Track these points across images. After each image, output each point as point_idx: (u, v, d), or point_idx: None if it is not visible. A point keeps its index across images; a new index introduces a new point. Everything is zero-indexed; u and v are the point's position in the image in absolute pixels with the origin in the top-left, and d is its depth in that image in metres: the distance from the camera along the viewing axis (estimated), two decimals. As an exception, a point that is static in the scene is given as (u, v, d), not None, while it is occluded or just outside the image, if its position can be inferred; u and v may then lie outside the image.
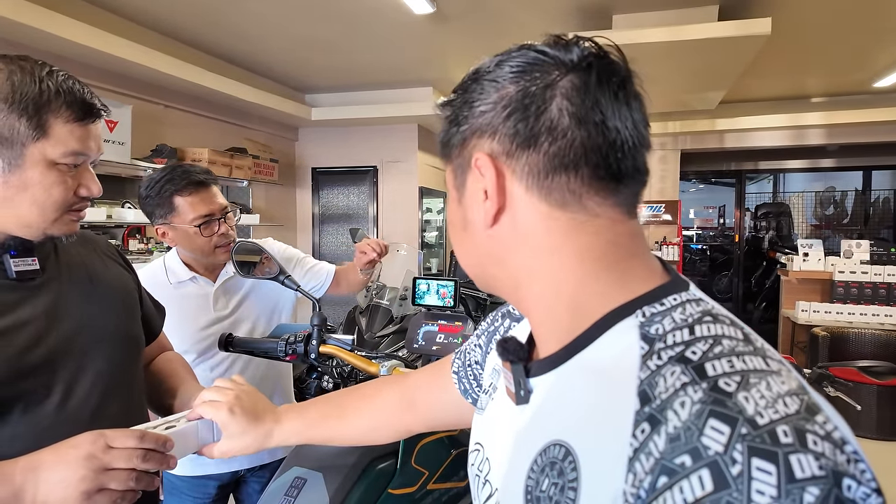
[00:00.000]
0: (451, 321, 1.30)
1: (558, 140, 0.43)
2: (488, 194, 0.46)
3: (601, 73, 0.44)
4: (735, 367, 0.37)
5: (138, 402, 0.94)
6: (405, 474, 0.92)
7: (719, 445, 0.33)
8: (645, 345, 0.41)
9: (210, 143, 3.83)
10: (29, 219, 0.76)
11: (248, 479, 1.54)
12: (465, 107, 0.48)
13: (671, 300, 0.43)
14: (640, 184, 0.46)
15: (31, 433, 0.75)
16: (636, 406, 0.38)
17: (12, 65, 0.73)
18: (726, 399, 0.34)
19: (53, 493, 0.65)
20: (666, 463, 0.34)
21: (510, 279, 0.49)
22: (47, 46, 2.69)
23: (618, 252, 0.45)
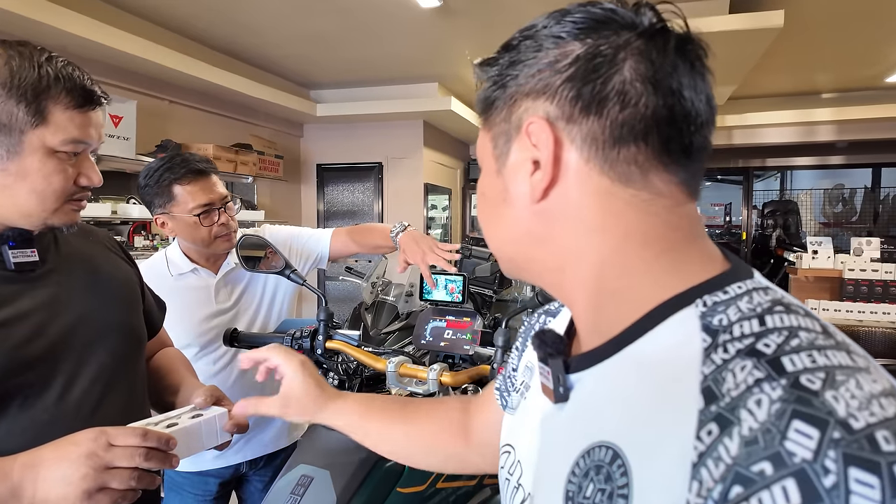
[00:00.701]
0: (459, 317, 1.28)
1: (629, 106, 0.38)
2: (541, 164, 0.41)
3: (681, 39, 0.40)
4: (817, 362, 0.32)
5: (140, 396, 0.92)
6: (414, 472, 0.90)
7: (807, 452, 0.28)
8: (707, 337, 0.36)
9: (215, 139, 3.82)
10: (28, 208, 0.74)
11: (250, 477, 1.53)
12: (514, 66, 0.42)
13: (735, 288, 0.38)
14: (703, 162, 0.42)
15: (30, 427, 0.73)
16: (700, 404, 0.34)
17: (11, 50, 0.71)
18: (812, 398, 0.30)
19: (54, 490, 0.63)
20: (741, 470, 0.30)
21: (552, 262, 0.43)
22: (52, 41, 2.68)
23: (676, 235, 0.40)
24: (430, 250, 1.35)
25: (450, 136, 5.65)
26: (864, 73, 4.44)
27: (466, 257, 3.18)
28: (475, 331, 1.21)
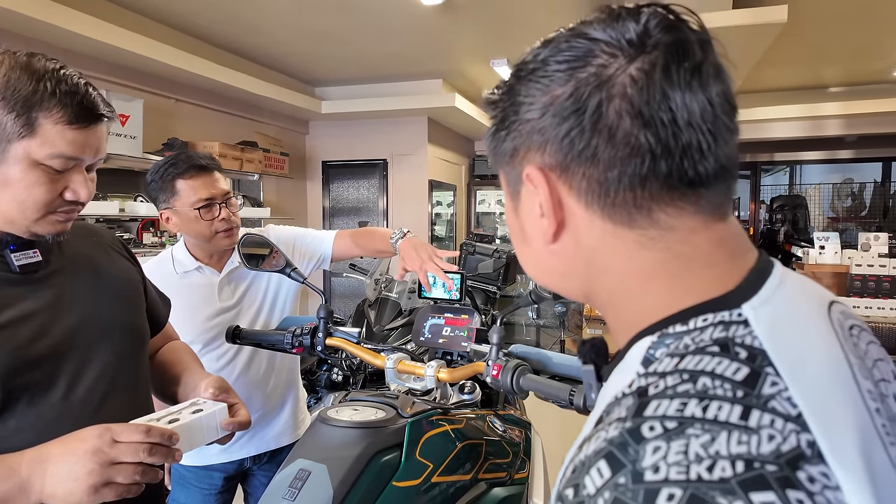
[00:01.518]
0: (457, 314, 1.29)
1: (619, 148, 0.37)
2: (544, 211, 0.41)
3: (670, 57, 0.36)
4: (684, 412, 0.31)
5: (144, 394, 0.95)
6: (410, 467, 0.92)
7: (593, 488, 0.31)
8: (641, 369, 0.37)
9: (221, 137, 3.85)
10: (10, 215, 0.75)
11: (255, 471, 1.56)
12: (511, 110, 0.42)
13: (699, 320, 0.37)
14: (729, 180, 0.39)
15: (36, 424, 0.75)
16: (588, 431, 0.36)
17: (19, 58, 0.72)
18: (632, 444, 0.31)
19: (61, 486, 0.66)
20: (560, 489, 0.33)
21: (579, 291, 0.45)
22: (59, 41, 2.71)
23: (689, 265, 0.39)
24: (428, 259, 1.36)
25: (454, 133, 5.66)
26: (872, 66, 4.39)
27: (470, 254, 3.19)
28: (472, 328, 1.23)
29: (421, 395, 1.15)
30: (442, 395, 1.17)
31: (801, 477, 0.28)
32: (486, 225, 6.22)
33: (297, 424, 1.60)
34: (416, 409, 0.99)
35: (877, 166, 7.19)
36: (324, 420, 0.94)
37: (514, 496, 1.08)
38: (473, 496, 1.00)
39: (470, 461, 1.02)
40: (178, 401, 0.95)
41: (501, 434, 1.17)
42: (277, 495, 0.85)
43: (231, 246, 1.45)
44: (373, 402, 1.01)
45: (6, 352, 0.73)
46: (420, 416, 0.98)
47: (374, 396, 1.04)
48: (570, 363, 1.02)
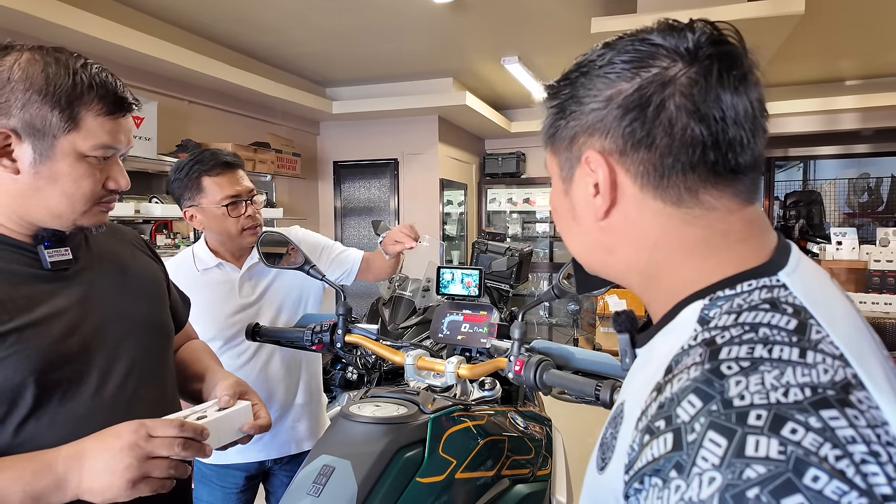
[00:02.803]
0: (476, 310, 1.29)
1: (676, 139, 0.43)
2: (600, 191, 0.47)
3: (721, 65, 0.43)
4: (753, 353, 0.38)
5: (171, 390, 0.96)
6: (433, 463, 0.91)
7: (687, 416, 0.36)
8: (699, 327, 0.43)
9: (234, 138, 3.87)
10: (59, 210, 0.77)
11: (276, 470, 1.56)
12: (572, 101, 0.48)
13: (745, 285, 0.43)
14: (759, 171, 0.46)
15: (69, 420, 0.76)
16: (660, 376, 0.42)
17: (48, 56, 0.74)
18: (716, 380, 0.37)
19: (99, 481, 0.66)
20: (650, 424, 0.39)
21: (620, 266, 0.50)
22: (73, 44, 2.74)
23: (726, 240, 0.45)
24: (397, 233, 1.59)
25: (465, 131, 5.65)
26: (889, 59, 4.32)
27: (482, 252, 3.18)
28: (492, 324, 1.22)
29: (441, 392, 1.15)
30: (462, 391, 1.16)
31: (852, 399, 0.35)
32: (498, 223, 6.20)
33: (319, 430, 1.60)
34: (437, 406, 0.98)
35: (894, 160, 7.08)
36: (346, 416, 0.94)
37: (537, 493, 1.07)
38: (496, 493, 1.00)
39: (492, 458, 1.01)
40: (200, 399, 0.96)
41: (523, 430, 1.16)
42: (302, 491, 0.85)
43: (254, 243, 1.45)
44: (394, 398, 1.01)
45: (40, 347, 0.74)
46: (442, 412, 0.97)
47: (395, 393, 1.03)
48: (593, 358, 1.01)
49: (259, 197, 1.48)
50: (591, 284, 0.87)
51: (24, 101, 0.71)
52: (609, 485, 0.44)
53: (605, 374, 0.97)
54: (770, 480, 0.32)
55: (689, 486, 0.34)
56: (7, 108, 0.71)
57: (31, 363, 0.73)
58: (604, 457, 0.47)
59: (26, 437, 0.73)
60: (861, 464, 0.32)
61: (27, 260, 0.78)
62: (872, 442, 0.33)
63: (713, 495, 0.32)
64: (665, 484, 0.35)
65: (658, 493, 0.36)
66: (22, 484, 0.65)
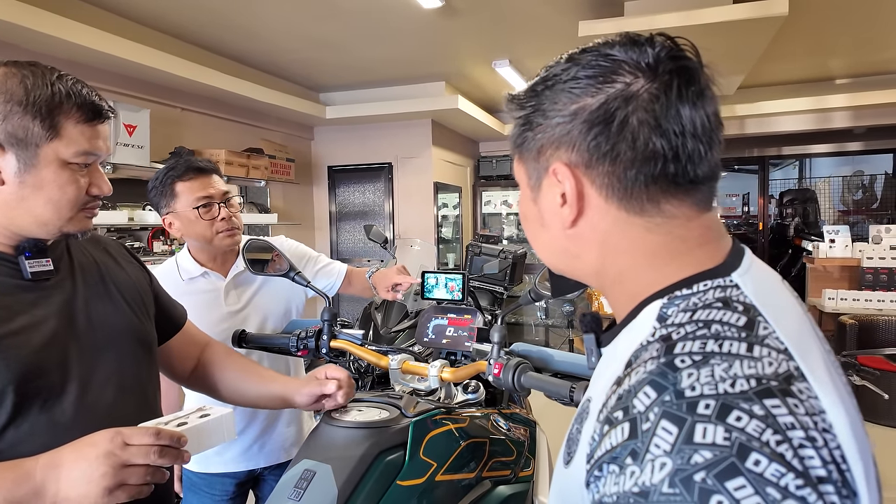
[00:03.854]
0: (460, 314, 1.30)
1: (639, 152, 0.45)
2: (567, 201, 0.49)
3: (680, 80, 0.45)
4: (705, 348, 0.40)
5: (153, 399, 0.97)
6: (414, 466, 0.93)
7: (642, 406, 0.39)
8: (657, 324, 0.45)
9: (227, 145, 3.89)
10: (45, 217, 0.78)
11: (267, 476, 1.57)
12: (538, 114, 0.49)
13: (701, 285, 0.46)
14: (715, 180, 0.48)
15: (49, 428, 0.77)
16: (620, 371, 0.44)
17: (24, 70, 0.76)
18: (670, 373, 0.39)
19: (75, 489, 0.67)
20: (609, 415, 0.41)
21: (587, 269, 0.53)
22: (65, 54, 2.76)
23: (686, 245, 0.48)
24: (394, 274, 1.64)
25: (458, 134, 5.67)
26: (878, 57, 4.35)
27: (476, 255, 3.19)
28: (474, 328, 1.24)
29: (425, 395, 1.16)
30: (446, 394, 1.17)
31: (793, 389, 0.38)
32: (493, 226, 6.22)
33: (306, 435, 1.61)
34: (419, 409, 1.00)
35: (887, 157, 7.10)
36: (328, 420, 0.96)
37: (518, 494, 1.09)
38: (478, 494, 1.01)
39: (474, 460, 1.03)
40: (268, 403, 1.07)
41: (506, 432, 1.17)
42: (283, 496, 0.86)
43: (233, 246, 1.47)
44: (377, 402, 1.02)
45: (19, 357, 0.75)
46: (424, 415, 0.99)
47: (377, 397, 1.04)
48: (571, 360, 1.03)
49: (236, 199, 1.48)
50: (565, 288, 0.89)
51: (4, 113, 0.73)
52: (574, 476, 0.45)
53: (581, 376, 0.98)
54: (715, 465, 0.34)
55: (643, 471, 0.36)
56: None
57: (10, 372, 0.74)
58: (569, 451, 0.49)
59: (6, 445, 0.74)
60: (799, 448, 0.35)
61: (8, 271, 0.80)
62: (810, 428, 0.36)
63: (664, 479, 0.35)
64: (621, 470, 0.37)
65: (615, 479, 0.38)
66: (2, 492, 0.66)
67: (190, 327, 1.14)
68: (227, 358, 1.12)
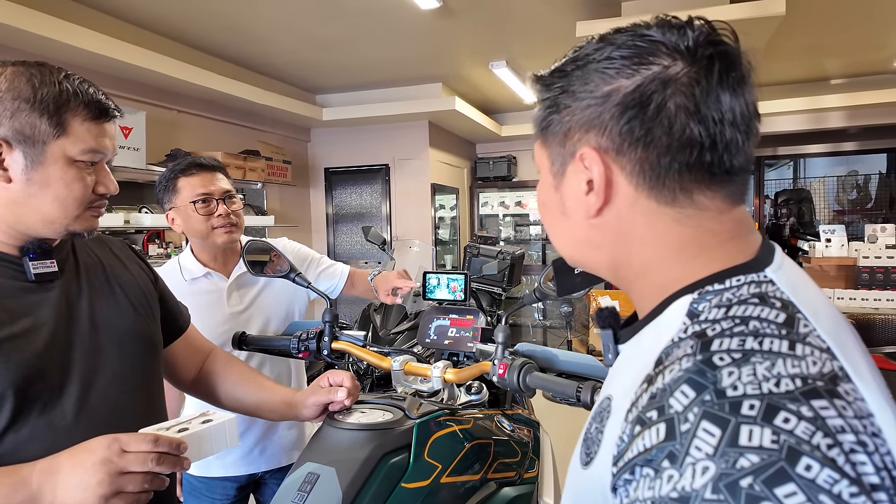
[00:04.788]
0: (462, 315, 1.29)
1: (675, 139, 0.43)
2: (594, 188, 0.46)
3: (721, 65, 0.43)
4: (745, 345, 0.38)
5: (158, 401, 0.96)
6: (418, 468, 0.92)
7: (680, 406, 0.36)
8: (688, 320, 0.43)
9: (223, 147, 3.87)
10: (52, 215, 0.78)
11: (268, 480, 1.56)
12: (567, 95, 0.47)
13: (734, 280, 0.44)
14: (749, 172, 0.46)
15: (50, 432, 0.76)
16: (650, 369, 0.42)
17: (32, 69, 0.77)
18: (708, 370, 0.37)
19: (72, 496, 0.66)
20: (641, 414, 0.39)
21: (607, 262, 0.50)
22: (62, 56, 2.74)
23: (715, 239, 0.45)
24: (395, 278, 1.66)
25: (455, 136, 5.67)
26: (873, 57, 4.37)
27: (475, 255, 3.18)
28: (477, 328, 1.23)
29: (428, 397, 1.15)
30: (449, 395, 1.17)
31: (840, 391, 0.36)
32: (490, 227, 6.22)
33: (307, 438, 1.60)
34: (423, 410, 0.99)
35: (881, 157, 7.15)
36: (332, 423, 0.95)
37: (523, 496, 1.08)
38: (483, 496, 1.00)
39: (479, 461, 1.02)
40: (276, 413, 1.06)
41: (510, 434, 1.16)
42: (287, 499, 0.85)
43: (230, 243, 1.47)
44: (380, 404, 1.01)
45: (21, 360, 0.74)
46: (427, 416, 0.98)
47: (381, 399, 1.03)
48: (576, 360, 1.02)
49: (238, 198, 1.49)
50: (571, 287, 0.88)
51: (12, 111, 0.74)
52: (595, 478, 0.44)
53: (587, 376, 0.98)
54: (763, 469, 0.32)
55: (682, 475, 0.34)
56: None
57: (11, 375, 0.73)
58: (588, 451, 0.47)
59: (6, 449, 0.73)
60: (850, 453, 0.33)
61: (12, 272, 0.79)
62: (860, 432, 0.34)
63: (706, 484, 0.33)
64: (657, 474, 0.35)
65: (650, 482, 0.35)
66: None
67: (194, 333, 1.13)
68: (227, 366, 1.11)
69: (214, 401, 1.09)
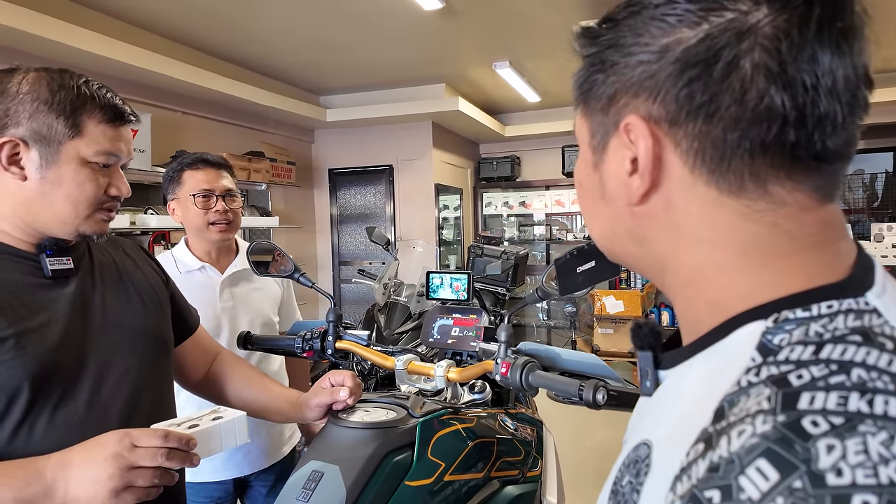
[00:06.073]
0: (465, 314, 1.30)
1: (748, 109, 0.33)
2: (638, 168, 0.37)
3: (823, 12, 0.32)
4: (848, 406, 0.27)
5: (167, 398, 0.98)
6: (422, 466, 0.92)
7: (756, 492, 0.26)
8: (758, 357, 0.33)
9: (228, 148, 3.89)
10: (63, 215, 0.81)
11: (253, 482, 1.59)
12: (615, 50, 0.37)
13: (823, 306, 0.33)
14: (847, 160, 0.35)
15: (63, 426, 0.78)
16: (706, 423, 0.32)
17: (53, 74, 0.80)
18: (797, 441, 0.26)
19: (83, 490, 0.68)
20: (696, 492, 0.28)
21: (653, 261, 0.41)
22: (67, 58, 2.76)
23: (792, 244, 0.35)
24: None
25: (459, 136, 5.67)
26: (878, 55, 4.36)
27: (478, 256, 3.19)
28: (480, 328, 1.23)
29: (431, 396, 1.15)
30: (453, 394, 1.17)
31: None
32: (494, 227, 6.22)
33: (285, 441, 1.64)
34: (426, 409, 0.99)
35: (888, 156, 7.10)
36: (335, 421, 0.95)
37: (527, 494, 1.08)
38: (486, 494, 1.00)
39: (482, 460, 1.02)
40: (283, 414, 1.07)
41: (513, 432, 1.17)
42: (291, 497, 0.86)
43: (224, 240, 1.51)
44: (384, 402, 1.01)
45: (36, 354, 0.76)
46: (431, 415, 0.98)
47: (384, 397, 1.04)
48: (579, 359, 1.02)
49: (238, 197, 1.54)
50: (573, 286, 0.88)
51: (31, 111, 0.77)
52: None
53: (590, 375, 0.98)
54: None
55: None
56: (16, 118, 0.77)
57: (27, 368, 0.75)
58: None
59: (20, 442, 0.75)
60: None
61: (29, 269, 0.81)
62: None
63: None
64: None
65: None
66: (14, 491, 0.67)
67: (203, 334, 1.15)
68: (235, 367, 1.14)
69: (223, 402, 1.11)
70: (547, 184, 5.87)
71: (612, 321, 4.63)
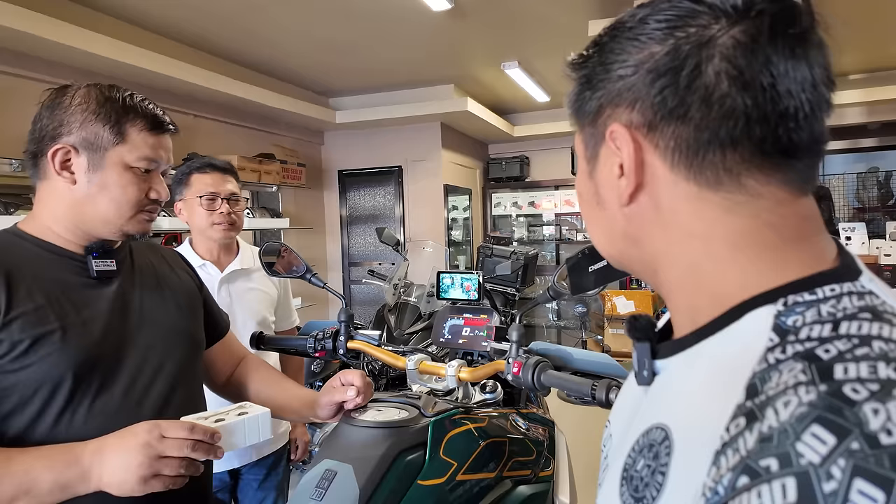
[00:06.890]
0: (476, 314, 1.30)
1: (714, 110, 0.37)
2: (624, 171, 0.41)
3: (775, 22, 0.36)
4: (878, 374, 0.29)
5: (198, 394, 1.04)
6: (434, 465, 0.92)
7: (816, 456, 0.27)
8: (776, 337, 0.35)
9: (239, 150, 3.92)
10: (108, 215, 0.88)
11: (244, 475, 1.65)
12: (600, 68, 0.42)
13: (826, 290, 0.36)
14: (816, 155, 0.38)
15: (101, 415, 0.84)
16: (740, 399, 0.33)
17: (103, 87, 0.88)
18: (845, 407, 0.28)
19: (115, 475, 0.73)
20: (750, 463, 0.30)
21: (647, 261, 0.44)
22: (79, 63, 2.80)
23: (778, 236, 0.38)
24: None
25: (468, 137, 5.67)
26: (891, 51, 4.30)
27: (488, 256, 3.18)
28: (491, 327, 1.23)
29: (443, 395, 1.16)
30: (464, 394, 1.17)
31: None
32: (503, 227, 6.21)
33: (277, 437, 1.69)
34: (438, 409, 0.99)
35: (902, 154, 6.99)
36: (348, 420, 0.96)
37: (539, 494, 1.08)
38: (498, 494, 1.00)
39: (494, 459, 1.02)
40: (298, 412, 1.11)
41: (525, 432, 1.17)
42: (305, 496, 0.87)
43: (226, 240, 1.60)
44: (396, 402, 1.02)
45: (80, 347, 0.83)
46: (443, 415, 0.98)
47: (396, 397, 1.04)
48: (591, 359, 1.02)
49: (242, 201, 1.63)
50: (585, 285, 0.88)
51: (81, 121, 0.85)
52: None
53: (602, 374, 0.98)
54: None
55: None
56: (69, 127, 0.85)
57: (71, 360, 0.81)
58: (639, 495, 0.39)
59: (63, 428, 0.81)
60: None
61: (77, 269, 0.89)
62: None
63: None
64: None
65: None
66: (54, 473, 0.73)
67: (232, 338, 1.21)
68: (257, 370, 1.18)
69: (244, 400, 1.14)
70: (556, 184, 5.86)
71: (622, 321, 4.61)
